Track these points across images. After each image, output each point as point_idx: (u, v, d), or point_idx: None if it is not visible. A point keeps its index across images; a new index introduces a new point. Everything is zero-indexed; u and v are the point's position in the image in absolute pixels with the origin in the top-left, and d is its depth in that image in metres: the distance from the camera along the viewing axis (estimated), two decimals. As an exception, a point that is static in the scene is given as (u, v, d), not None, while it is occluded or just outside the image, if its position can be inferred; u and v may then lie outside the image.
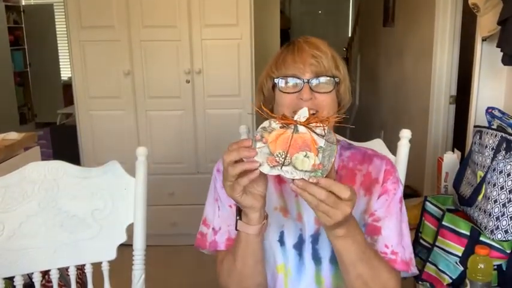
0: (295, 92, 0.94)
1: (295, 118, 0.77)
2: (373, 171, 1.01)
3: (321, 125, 0.76)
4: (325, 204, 0.74)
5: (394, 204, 0.99)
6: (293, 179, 0.74)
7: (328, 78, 0.95)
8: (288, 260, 0.99)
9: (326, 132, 0.76)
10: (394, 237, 0.97)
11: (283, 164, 0.75)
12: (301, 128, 0.76)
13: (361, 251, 0.85)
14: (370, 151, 1.05)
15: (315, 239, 0.99)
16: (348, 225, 0.81)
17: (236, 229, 0.88)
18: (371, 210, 0.99)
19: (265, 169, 0.75)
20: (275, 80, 0.97)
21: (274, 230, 0.99)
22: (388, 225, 0.97)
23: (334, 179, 0.75)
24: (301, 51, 0.96)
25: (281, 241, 0.99)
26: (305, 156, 0.74)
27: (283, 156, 0.75)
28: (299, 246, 0.99)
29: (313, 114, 0.90)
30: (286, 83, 0.96)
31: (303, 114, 0.77)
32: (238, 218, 0.86)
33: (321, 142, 0.75)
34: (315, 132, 0.76)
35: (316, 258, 0.99)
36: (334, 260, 0.96)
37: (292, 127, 0.76)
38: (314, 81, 0.94)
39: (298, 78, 0.95)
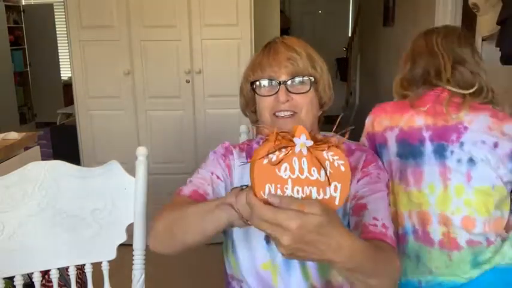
0: (273, 95, 0.96)
1: (297, 149, 0.69)
2: (353, 162, 1.01)
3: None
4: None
5: (379, 186, 0.96)
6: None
7: (304, 78, 0.96)
8: (276, 256, 0.96)
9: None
10: (383, 211, 0.91)
11: None
12: (305, 150, 0.70)
13: (367, 274, 0.73)
14: (354, 146, 1.06)
15: None
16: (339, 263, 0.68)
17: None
18: (352, 194, 0.96)
19: None
20: (252, 83, 0.99)
21: None
22: (374, 200, 0.93)
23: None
24: (276, 54, 0.97)
25: (267, 238, 0.97)
26: None
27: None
28: None
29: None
30: (263, 86, 0.97)
31: (302, 140, 0.69)
32: (242, 187, 0.76)
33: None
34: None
35: None
36: None
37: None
38: (290, 82, 0.96)
39: (274, 80, 0.96)
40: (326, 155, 0.69)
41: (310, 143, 0.69)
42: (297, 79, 0.96)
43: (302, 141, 0.68)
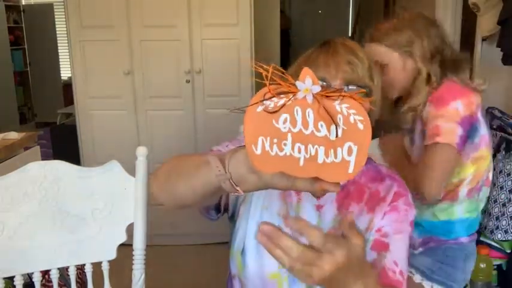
0: None
1: (300, 95, 0.57)
2: (382, 191, 0.95)
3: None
4: (300, 264, 0.59)
5: (405, 224, 0.92)
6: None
7: (360, 88, 0.85)
8: (284, 269, 0.94)
9: None
10: (403, 257, 0.90)
11: None
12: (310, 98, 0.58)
13: None
14: (384, 169, 0.99)
15: None
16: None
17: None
18: (376, 227, 0.91)
19: None
20: None
21: None
22: (397, 242, 0.90)
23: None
24: (336, 54, 0.87)
25: None
26: None
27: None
28: None
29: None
30: None
31: (307, 86, 0.57)
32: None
33: None
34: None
35: None
36: None
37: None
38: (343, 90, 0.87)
39: (327, 83, 0.84)
40: (339, 107, 0.55)
41: (318, 88, 0.55)
42: (353, 87, 0.84)
43: (307, 86, 0.55)
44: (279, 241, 0.58)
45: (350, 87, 0.85)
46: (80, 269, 1.37)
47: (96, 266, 1.19)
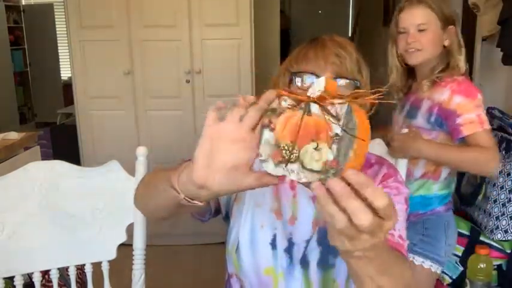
0: None
1: (308, 93, 0.55)
2: (370, 175, 0.96)
3: (340, 101, 0.53)
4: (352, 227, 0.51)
5: (398, 198, 0.92)
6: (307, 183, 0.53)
7: (349, 81, 0.87)
8: (279, 264, 0.95)
9: (344, 113, 0.52)
10: (400, 223, 0.87)
11: (288, 160, 0.53)
12: (315, 108, 0.54)
13: (382, 269, 0.63)
14: (373, 158, 1.00)
15: (307, 242, 0.94)
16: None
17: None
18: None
19: (269, 167, 0.56)
20: (292, 75, 0.89)
21: (267, 232, 0.95)
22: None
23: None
24: (324, 48, 0.90)
25: (273, 244, 0.95)
26: (315, 148, 0.52)
27: (289, 149, 0.53)
28: (290, 250, 0.95)
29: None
30: (303, 80, 0.87)
31: (318, 87, 0.55)
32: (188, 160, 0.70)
33: (337, 128, 0.52)
34: (330, 113, 0.53)
35: (304, 262, 0.94)
36: (321, 263, 0.93)
37: (304, 106, 0.54)
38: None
39: (316, 76, 0.86)
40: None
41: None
42: (341, 80, 0.86)
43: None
44: (346, 202, 0.49)
45: (339, 80, 0.86)
46: (80, 269, 1.37)
47: (96, 266, 1.19)
